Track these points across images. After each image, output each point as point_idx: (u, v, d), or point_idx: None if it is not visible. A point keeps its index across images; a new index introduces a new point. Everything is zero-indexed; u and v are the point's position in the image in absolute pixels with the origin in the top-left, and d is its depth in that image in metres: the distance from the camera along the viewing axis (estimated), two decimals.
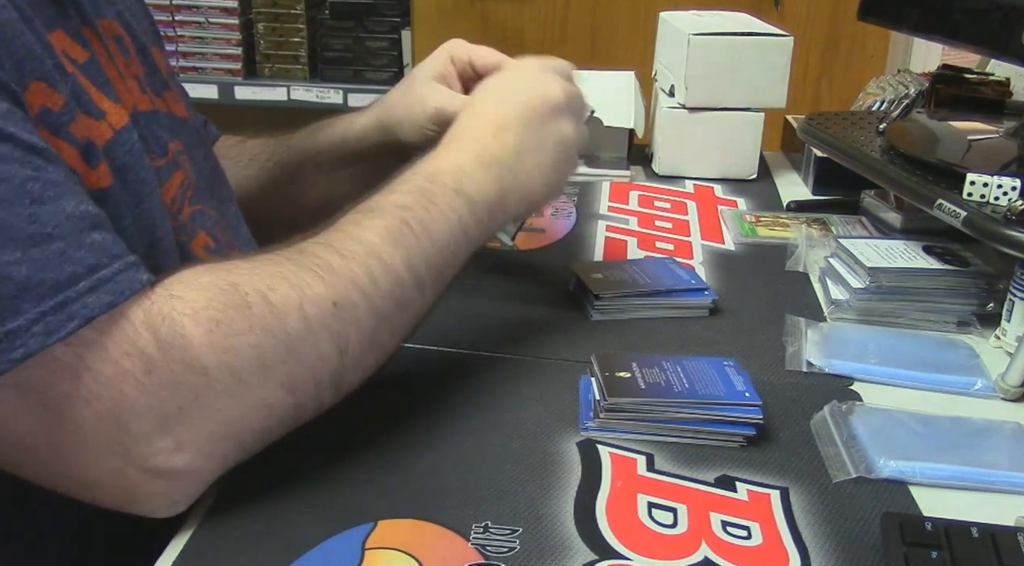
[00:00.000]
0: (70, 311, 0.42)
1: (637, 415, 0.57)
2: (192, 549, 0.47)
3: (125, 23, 0.61)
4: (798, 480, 0.54)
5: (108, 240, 0.46)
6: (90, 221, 0.45)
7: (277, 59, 2.21)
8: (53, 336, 0.42)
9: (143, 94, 0.60)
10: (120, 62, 0.58)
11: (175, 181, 0.60)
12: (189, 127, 0.66)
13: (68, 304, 0.42)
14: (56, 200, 0.44)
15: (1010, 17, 0.76)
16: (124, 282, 0.45)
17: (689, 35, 1.05)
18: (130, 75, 0.59)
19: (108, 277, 0.44)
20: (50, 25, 0.51)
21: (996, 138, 0.90)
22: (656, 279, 0.76)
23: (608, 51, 2.02)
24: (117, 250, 0.46)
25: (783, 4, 1.95)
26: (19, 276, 0.41)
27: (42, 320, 0.42)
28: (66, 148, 0.49)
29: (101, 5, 0.58)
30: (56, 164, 0.45)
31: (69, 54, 0.52)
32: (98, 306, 0.43)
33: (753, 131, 1.09)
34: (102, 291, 0.44)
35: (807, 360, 0.66)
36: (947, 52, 1.50)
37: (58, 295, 0.42)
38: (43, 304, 0.42)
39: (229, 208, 0.70)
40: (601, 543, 0.48)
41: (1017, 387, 0.63)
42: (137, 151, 0.54)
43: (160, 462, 0.45)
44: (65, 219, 0.44)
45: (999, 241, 0.67)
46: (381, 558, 0.46)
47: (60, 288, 0.42)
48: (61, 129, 0.49)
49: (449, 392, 0.62)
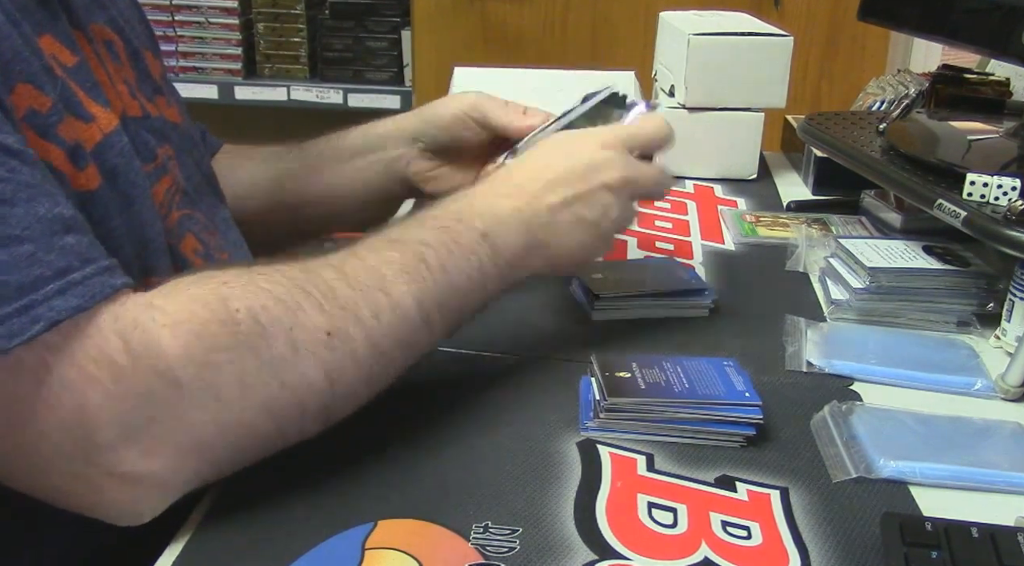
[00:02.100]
0: (34, 314, 0.42)
1: (637, 415, 0.57)
2: (192, 549, 0.47)
3: (118, 28, 0.61)
4: (798, 480, 0.54)
5: (82, 243, 0.45)
6: (63, 224, 0.44)
7: (277, 59, 2.21)
8: (15, 339, 0.41)
9: (133, 99, 0.60)
10: (110, 66, 0.58)
11: (162, 186, 0.60)
12: (181, 132, 0.66)
13: (33, 307, 0.42)
14: (28, 202, 0.43)
15: (1010, 17, 0.76)
16: (95, 286, 0.44)
17: (689, 35, 1.05)
18: (120, 80, 0.59)
19: (78, 280, 0.43)
20: (39, 29, 0.51)
21: (996, 138, 0.90)
22: (656, 279, 0.76)
23: (608, 51, 2.02)
24: (91, 254, 0.45)
25: (783, 4, 1.95)
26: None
27: (5, 322, 0.41)
28: (53, 149, 0.49)
29: (93, 10, 0.58)
30: (32, 166, 0.45)
31: (58, 58, 0.51)
32: (64, 309, 0.42)
33: (753, 131, 1.09)
34: (70, 294, 0.43)
35: (807, 360, 0.66)
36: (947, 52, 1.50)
37: (23, 298, 0.42)
38: (7, 306, 0.41)
39: (218, 213, 0.70)
40: (601, 543, 0.48)
41: (1017, 387, 0.63)
42: (128, 154, 0.54)
43: (126, 469, 0.45)
44: (36, 221, 0.43)
45: (999, 241, 0.67)
46: (381, 558, 0.46)
47: (26, 291, 0.42)
48: (48, 131, 0.49)
49: (449, 392, 0.62)
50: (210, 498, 0.50)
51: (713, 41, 1.06)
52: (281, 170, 0.82)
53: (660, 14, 1.18)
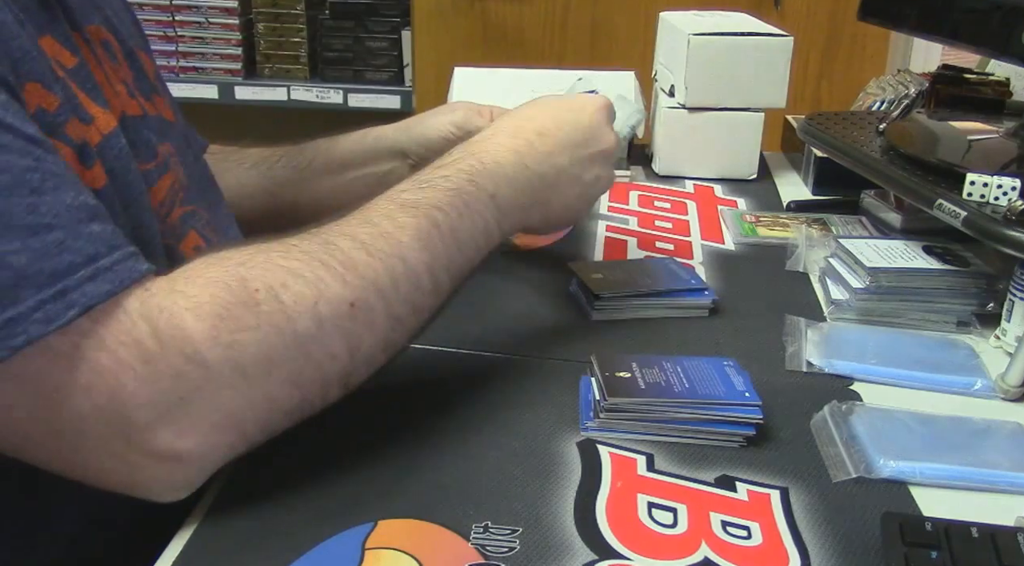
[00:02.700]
0: (69, 299, 0.42)
1: (637, 415, 0.57)
2: (192, 549, 0.47)
3: (112, 28, 0.61)
4: (798, 480, 0.54)
5: (107, 231, 0.46)
6: (89, 212, 0.45)
7: (277, 59, 2.21)
8: (53, 324, 0.42)
9: (131, 98, 0.60)
10: (108, 67, 0.58)
11: (165, 183, 0.60)
12: (177, 130, 0.67)
13: (67, 292, 0.42)
14: (55, 191, 0.44)
15: (1010, 17, 0.76)
16: (123, 271, 0.45)
17: (689, 35, 1.05)
18: (118, 80, 0.59)
19: (107, 266, 0.44)
20: (40, 31, 0.51)
21: (996, 138, 0.90)
22: (656, 279, 0.76)
23: (608, 51, 2.02)
24: (116, 240, 0.46)
25: (783, 4, 1.95)
26: (18, 265, 0.41)
27: (41, 308, 0.42)
28: (63, 148, 0.49)
29: (88, 11, 0.58)
30: (55, 155, 0.46)
31: (59, 59, 0.52)
32: (97, 294, 0.43)
33: (753, 131, 1.09)
34: (101, 280, 0.44)
35: (807, 360, 0.66)
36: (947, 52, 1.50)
37: (57, 283, 0.42)
38: (42, 292, 0.42)
39: (219, 210, 0.70)
40: (601, 543, 0.48)
41: (1017, 387, 0.63)
42: (125, 156, 0.55)
43: (163, 447, 0.46)
44: (64, 209, 0.44)
45: (999, 241, 0.67)
46: (381, 558, 0.46)
47: (59, 277, 0.42)
48: (57, 129, 0.49)
49: (449, 392, 0.62)
50: (211, 497, 0.50)
51: (713, 41, 1.06)
52: (270, 178, 0.84)
53: (660, 14, 1.18)
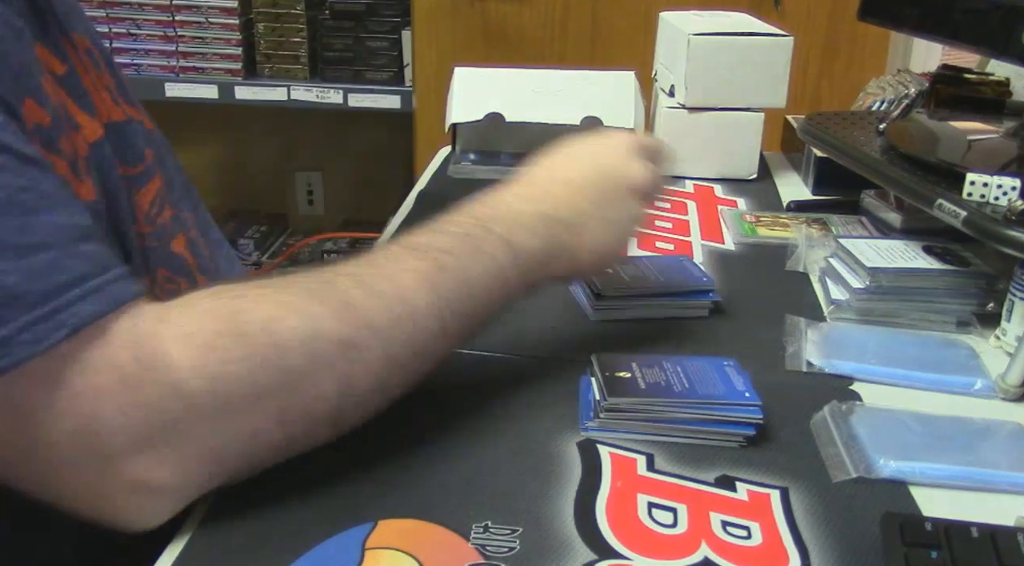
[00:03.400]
0: (59, 320, 0.42)
1: (637, 415, 0.57)
2: (192, 549, 0.47)
3: (91, 37, 0.61)
4: (798, 480, 0.54)
5: (99, 251, 0.45)
6: (81, 232, 0.45)
7: (277, 59, 2.21)
8: (41, 344, 0.41)
9: (116, 105, 0.60)
10: (93, 74, 0.58)
11: (154, 185, 0.60)
12: (156, 136, 0.67)
13: (58, 313, 0.42)
14: (48, 211, 0.43)
15: (1010, 17, 0.76)
16: (114, 292, 0.44)
17: (689, 35, 1.05)
18: (102, 86, 0.59)
19: (97, 287, 0.44)
20: (34, 38, 0.51)
21: (996, 138, 0.90)
22: (656, 279, 0.76)
23: (608, 51, 2.02)
24: (107, 261, 0.45)
25: (783, 4, 1.95)
26: (8, 284, 0.41)
27: (30, 329, 0.41)
28: (58, 162, 0.49)
29: (73, 19, 0.59)
30: (50, 176, 0.45)
31: (50, 67, 0.52)
32: (87, 315, 0.43)
33: (753, 131, 1.09)
34: (91, 300, 0.43)
35: (807, 360, 0.66)
36: (947, 52, 1.50)
37: (48, 304, 0.42)
38: (32, 313, 0.41)
39: (200, 211, 0.71)
40: (601, 543, 0.48)
41: (1017, 387, 0.63)
42: (109, 164, 0.55)
43: (136, 477, 0.45)
44: (56, 229, 0.43)
45: (999, 241, 0.67)
46: (381, 558, 0.46)
47: (50, 297, 0.42)
48: (53, 144, 0.49)
49: (449, 392, 0.62)
50: (210, 498, 0.50)
51: (713, 41, 1.06)
52: None
53: (660, 14, 1.18)
